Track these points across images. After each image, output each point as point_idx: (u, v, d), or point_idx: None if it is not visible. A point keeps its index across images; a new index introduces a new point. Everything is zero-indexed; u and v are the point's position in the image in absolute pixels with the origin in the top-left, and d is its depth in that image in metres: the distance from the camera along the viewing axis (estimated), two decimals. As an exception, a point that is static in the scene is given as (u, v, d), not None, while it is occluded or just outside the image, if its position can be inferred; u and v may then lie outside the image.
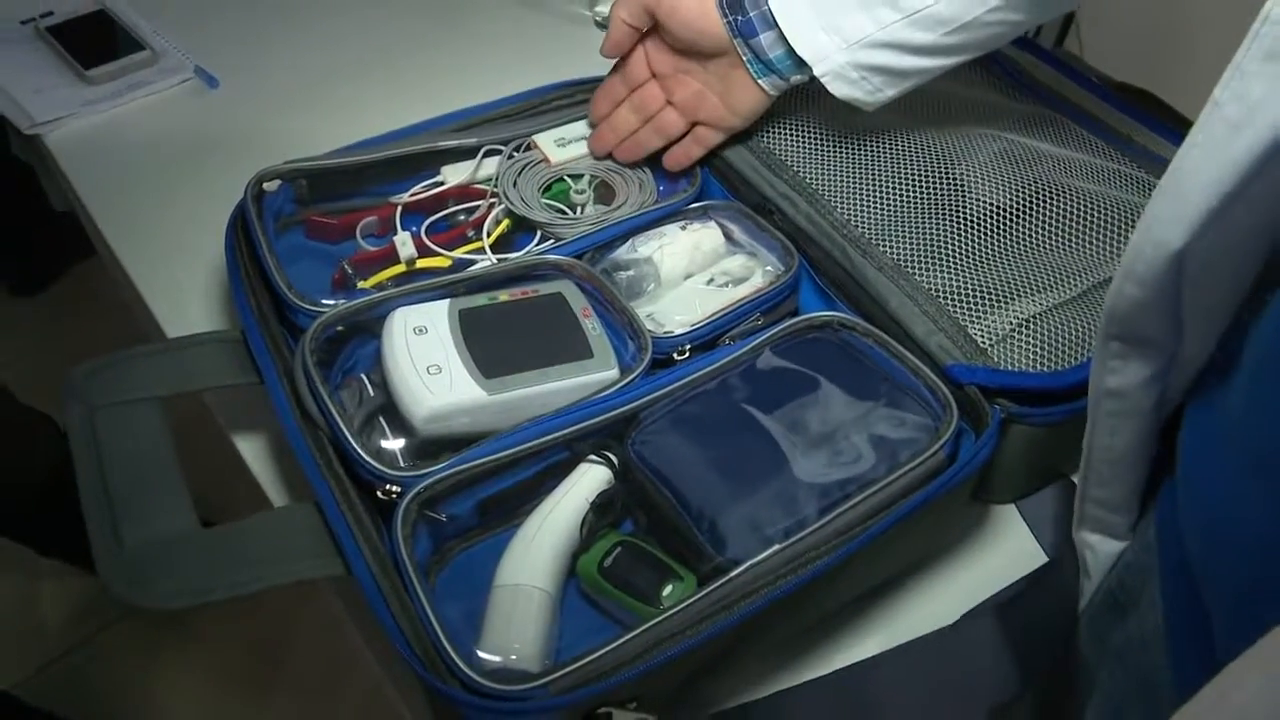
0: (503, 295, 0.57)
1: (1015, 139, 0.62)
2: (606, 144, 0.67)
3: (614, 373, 0.54)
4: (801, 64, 0.56)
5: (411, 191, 0.66)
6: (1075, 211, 0.58)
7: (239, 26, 0.94)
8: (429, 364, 0.52)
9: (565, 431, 0.50)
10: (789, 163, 0.63)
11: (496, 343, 0.54)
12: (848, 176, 0.61)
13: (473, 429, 0.51)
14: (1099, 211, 0.58)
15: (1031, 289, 0.54)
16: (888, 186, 0.59)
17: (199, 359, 0.54)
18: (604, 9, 0.96)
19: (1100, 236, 0.57)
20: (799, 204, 0.60)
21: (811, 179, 0.61)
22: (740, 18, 0.57)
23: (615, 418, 0.52)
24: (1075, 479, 0.44)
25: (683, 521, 0.48)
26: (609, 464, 0.52)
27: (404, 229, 0.64)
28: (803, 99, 0.66)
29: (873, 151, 0.62)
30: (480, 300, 0.57)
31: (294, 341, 0.56)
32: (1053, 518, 0.55)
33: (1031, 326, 0.52)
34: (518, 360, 0.53)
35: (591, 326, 0.56)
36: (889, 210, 0.59)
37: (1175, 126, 0.68)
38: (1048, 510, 0.56)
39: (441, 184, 0.67)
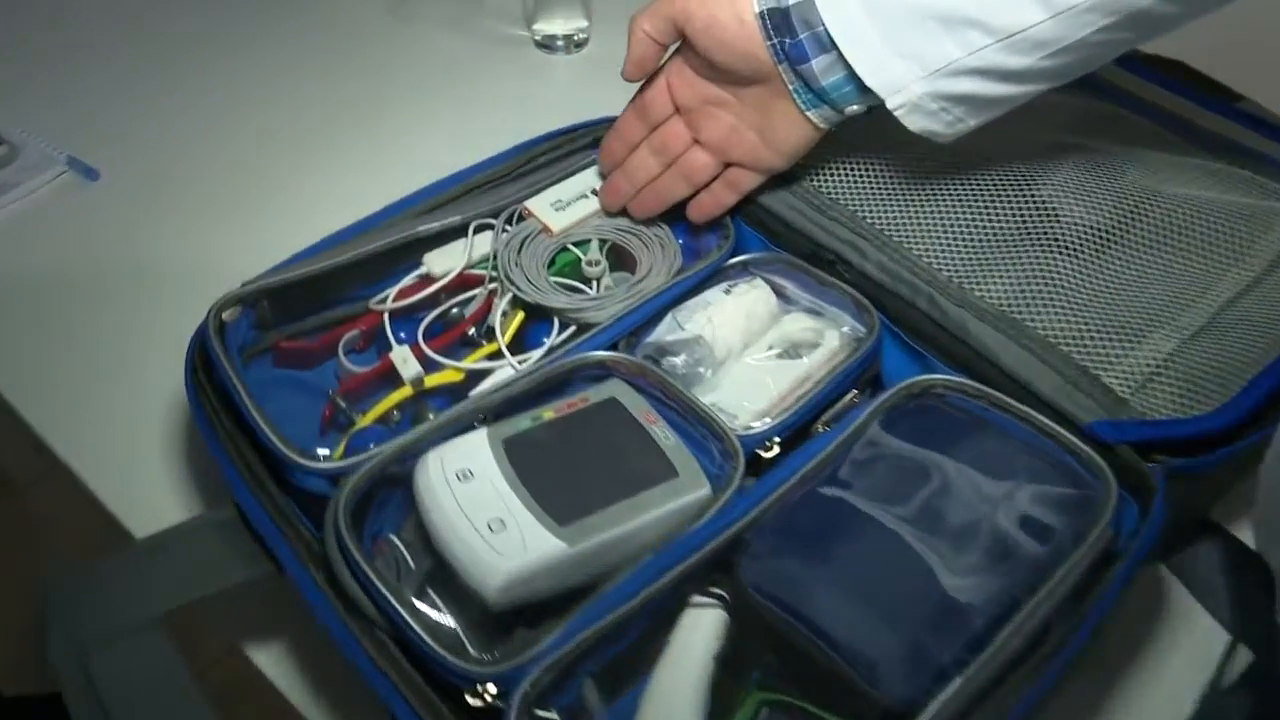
0: (547, 412, 0.54)
1: (1087, 143, 0.61)
2: (622, 195, 0.63)
3: (706, 490, 0.51)
4: (864, 93, 0.54)
5: (396, 291, 0.62)
6: (1177, 222, 0.57)
7: (114, 104, 0.88)
8: (488, 518, 0.48)
9: (670, 575, 0.47)
10: (841, 200, 0.61)
11: (560, 475, 0.50)
12: (916, 210, 0.59)
13: (554, 590, 0.48)
14: (1201, 218, 0.57)
15: (1159, 320, 0.53)
16: (965, 217, 0.58)
17: (194, 555, 0.49)
18: (543, 27, 0.93)
19: (1211, 246, 0.56)
20: (865, 249, 0.58)
21: (872, 217, 0.59)
22: (788, 40, 0.54)
23: (720, 545, 0.49)
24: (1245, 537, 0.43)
25: (832, 663, 0.45)
26: (723, 603, 0.49)
27: (397, 340, 0.60)
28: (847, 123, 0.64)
29: (939, 177, 0.60)
30: (523, 423, 0.53)
31: (300, 510, 0.51)
32: (1219, 580, 0.54)
33: (1173, 365, 0.51)
34: (592, 495, 0.49)
35: (663, 435, 0.53)
36: (972, 245, 0.57)
37: (1227, 100, 0.68)
38: (1203, 567, 0.55)
39: (428, 276, 0.63)
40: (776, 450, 0.54)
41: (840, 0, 0.52)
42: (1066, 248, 0.56)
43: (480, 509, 0.48)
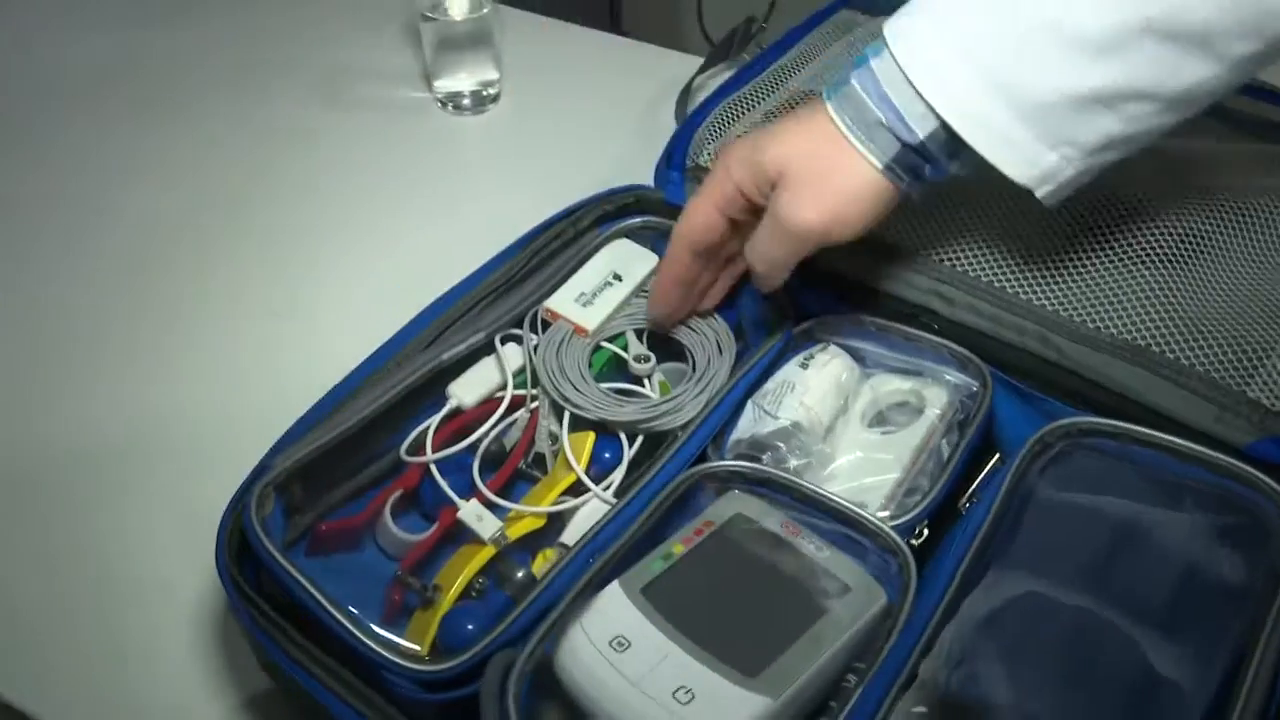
0: (676, 546, 0.52)
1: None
2: (676, 308, 0.61)
3: (884, 599, 0.50)
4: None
5: (432, 436, 0.58)
6: (1262, 214, 0.60)
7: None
8: (670, 690, 0.45)
9: (886, 706, 0.46)
10: (906, 244, 0.61)
11: (724, 618, 0.49)
12: (996, 243, 0.60)
13: (762, 750, 0.46)
14: (1276, 206, 0.61)
15: (1278, 323, 0.56)
16: (1053, 242, 0.59)
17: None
18: (445, 84, 0.90)
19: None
20: (953, 296, 0.59)
21: (950, 259, 0.60)
22: (926, 170, 0.52)
23: (916, 658, 0.48)
24: None
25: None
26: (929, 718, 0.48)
27: (455, 492, 0.56)
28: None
29: (1011, 204, 0.61)
30: (655, 565, 0.51)
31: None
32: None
33: (1311, 367, 0.54)
34: (770, 634, 0.48)
35: (814, 547, 0.52)
36: (1068, 271, 0.58)
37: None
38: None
39: (458, 410, 0.59)
40: (926, 534, 0.54)
41: (983, 114, 0.49)
42: (1164, 258, 0.58)
43: (656, 681, 0.46)
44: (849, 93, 0.52)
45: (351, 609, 0.50)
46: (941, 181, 0.54)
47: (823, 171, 0.53)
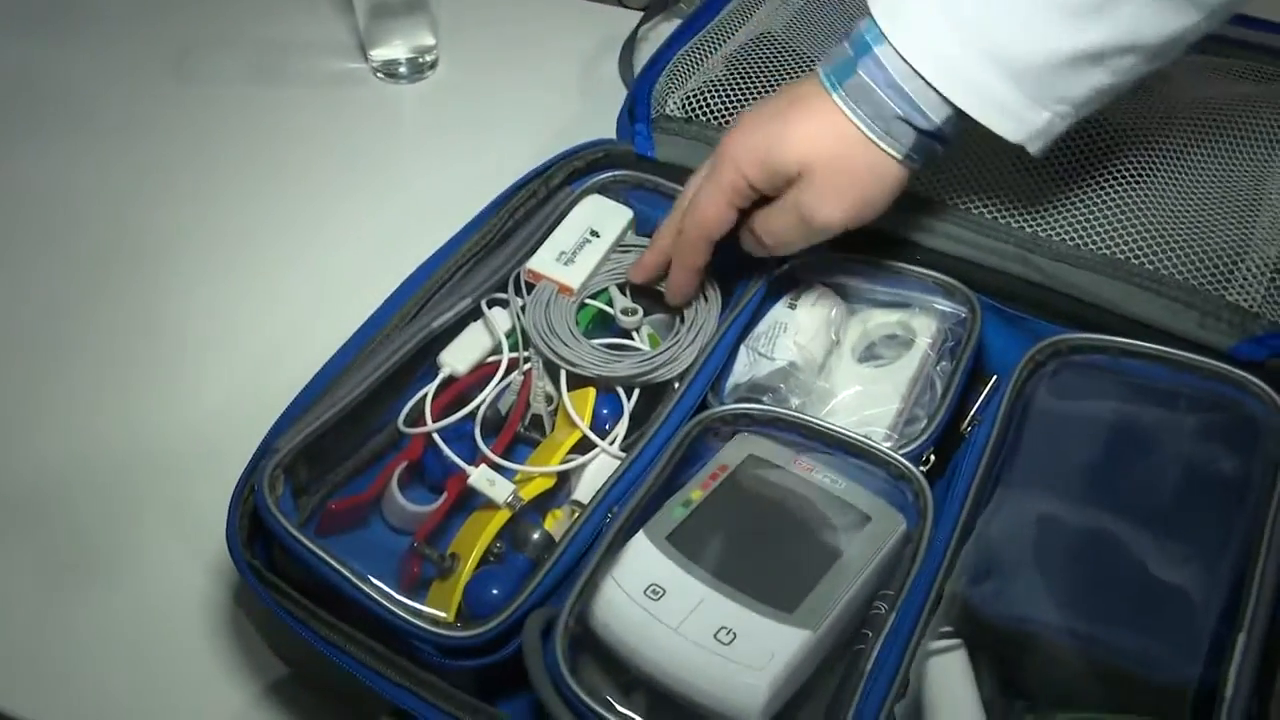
0: (694, 492, 0.52)
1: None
2: (694, 292, 0.61)
3: (904, 524, 0.51)
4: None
5: (430, 405, 0.57)
6: (1222, 124, 0.63)
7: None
8: (713, 631, 0.46)
9: (918, 631, 0.47)
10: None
11: (753, 559, 0.50)
12: (971, 169, 0.61)
13: (802, 685, 0.47)
14: (1240, 113, 0.63)
15: (1249, 225, 0.58)
16: (1023, 163, 0.60)
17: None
18: (381, 53, 0.88)
19: (1256, 140, 0.62)
20: (931, 224, 0.60)
21: (925, 189, 0.61)
22: (936, 148, 0.54)
23: (942, 579, 0.49)
24: None
25: (1108, 668, 0.47)
26: (959, 640, 0.50)
27: (463, 459, 0.55)
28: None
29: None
30: (677, 513, 0.51)
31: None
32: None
33: (1285, 265, 0.56)
34: (800, 570, 0.49)
35: (831, 480, 0.52)
36: (1044, 192, 0.60)
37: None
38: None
39: (452, 378, 0.59)
40: (933, 460, 0.55)
41: (984, 86, 0.51)
42: (1136, 174, 0.60)
43: (696, 625, 0.46)
44: (859, 85, 0.52)
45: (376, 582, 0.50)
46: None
47: (846, 170, 0.53)
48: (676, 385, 0.57)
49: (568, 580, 0.49)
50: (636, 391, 0.59)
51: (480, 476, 0.54)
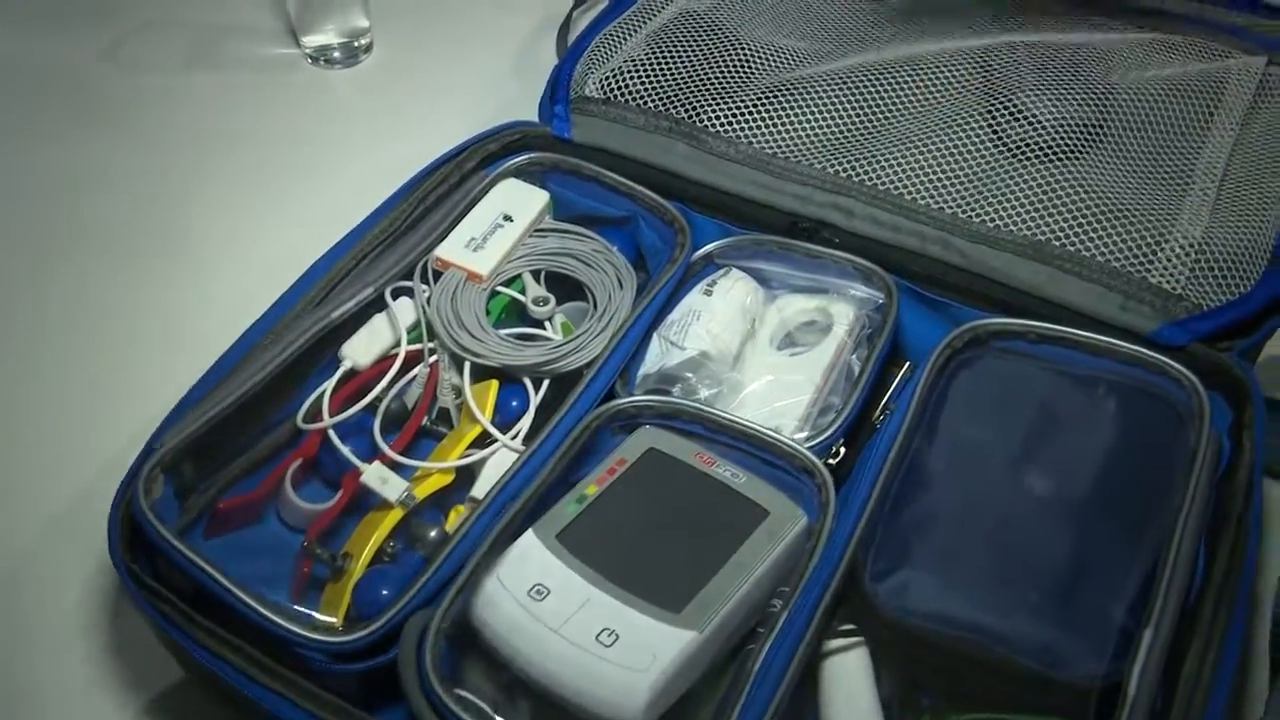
0: (589, 488, 0.51)
1: (1030, 39, 0.64)
2: None
3: (805, 519, 0.50)
4: None
5: (329, 400, 0.56)
6: (1147, 102, 0.61)
7: None
8: (595, 632, 0.45)
9: (813, 627, 0.46)
10: (805, 160, 0.61)
11: (644, 556, 0.49)
12: (890, 151, 0.60)
13: (689, 686, 0.46)
14: (1167, 93, 0.62)
15: (1173, 206, 0.57)
16: (948, 145, 0.59)
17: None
18: (313, 39, 0.87)
19: (1185, 119, 0.61)
20: (851, 207, 0.59)
21: (846, 170, 0.60)
22: None
23: (843, 575, 0.48)
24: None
25: (1007, 663, 0.46)
26: (859, 636, 0.49)
27: (357, 456, 0.55)
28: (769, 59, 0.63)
29: (903, 112, 0.62)
30: (569, 509, 0.50)
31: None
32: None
33: (1209, 247, 0.55)
34: (691, 567, 0.48)
35: (731, 474, 0.51)
36: (964, 174, 0.59)
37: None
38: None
39: (353, 371, 0.58)
40: (843, 452, 0.54)
41: None
42: (1057, 152, 0.59)
43: (578, 626, 0.46)
44: None
45: (257, 587, 0.49)
46: None
47: None
48: (585, 375, 0.56)
49: (470, 582, 0.48)
50: (546, 383, 0.58)
51: (373, 474, 0.53)
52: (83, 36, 0.91)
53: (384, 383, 0.57)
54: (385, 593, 0.50)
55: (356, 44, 0.88)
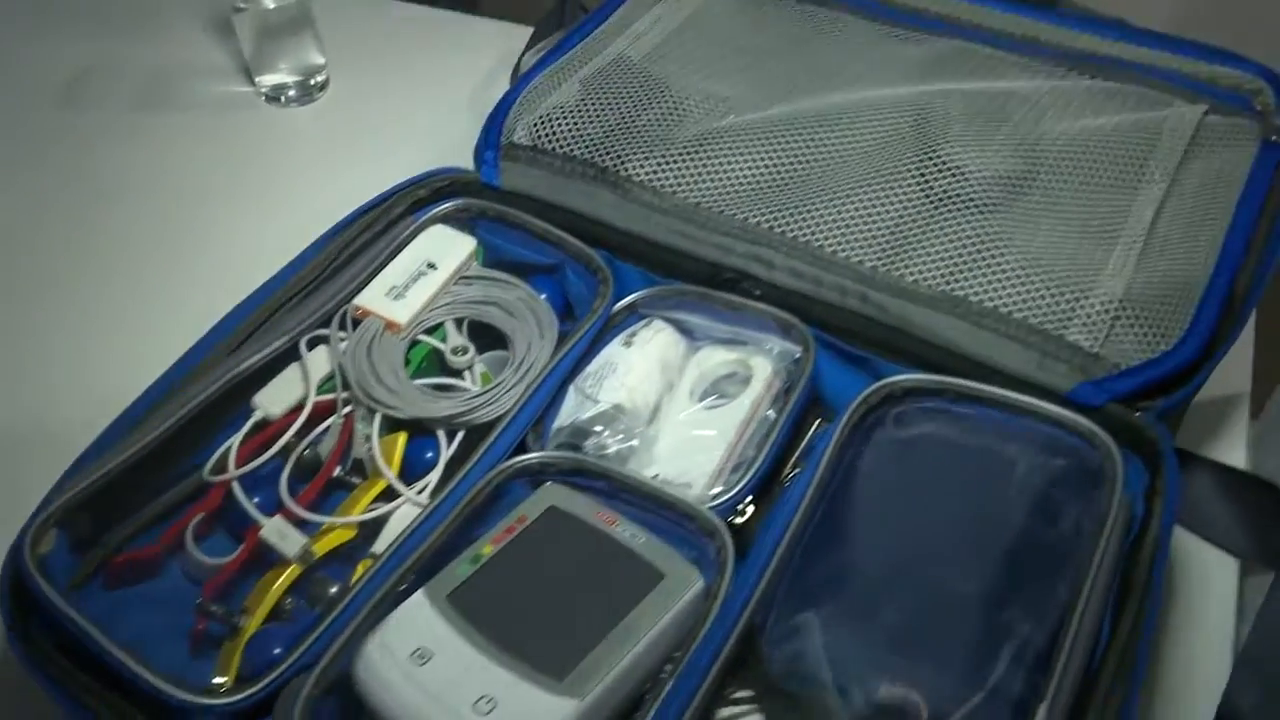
0: (485, 547, 0.50)
1: (957, 87, 0.64)
2: None
3: (701, 582, 0.49)
4: None
5: (236, 451, 0.56)
6: (1076, 153, 0.60)
7: None
8: (472, 700, 0.44)
9: (701, 695, 0.45)
10: (727, 211, 0.60)
11: (532, 620, 0.48)
12: (813, 203, 0.59)
13: (573, 756, 0.45)
14: (1097, 143, 0.61)
15: (1097, 261, 0.56)
16: (870, 197, 0.59)
17: None
18: (268, 78, 0.87)
19: (1116, 171, 0.60)
20: (771, 258, 0.58)
21: (768, 221, 0.59)
22: None
23: (738, 640, 0.47)
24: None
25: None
26: (755, 704, 0.48)
27: (261, 510, 0.54)
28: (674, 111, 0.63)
29: (826, 161, 0.61)
30: (463, 569, 0.50)
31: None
32: (1218, 509, 0.58)
33: (1129, 304, 0.54)
34: (579, 633, 0.47)
35: (630, 534, 0.51)
36: (887, 227, 0.58)
37: (1048, 6, 0.72)
38: (1196, 499, 0.58)
39: (265, 422, 0.58)
40: (750, 510, 0.53)
41: None
42: (983, 205, 0.58)
43: (457, 692, 0.45)
44: None
45: (157, 641, 0.48)
46: None
47: None
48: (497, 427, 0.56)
49: (351, 641, 0.48)
50: (460, 435, 0.57)
51: (273, 529, 0.53)
52: (39, 75, 0.91)
53: (289, 434, 0.56)
54: (277, 651, 0.49)
55: (312, 82, 0.89)
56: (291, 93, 0.88)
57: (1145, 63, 0.66)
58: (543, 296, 0.63)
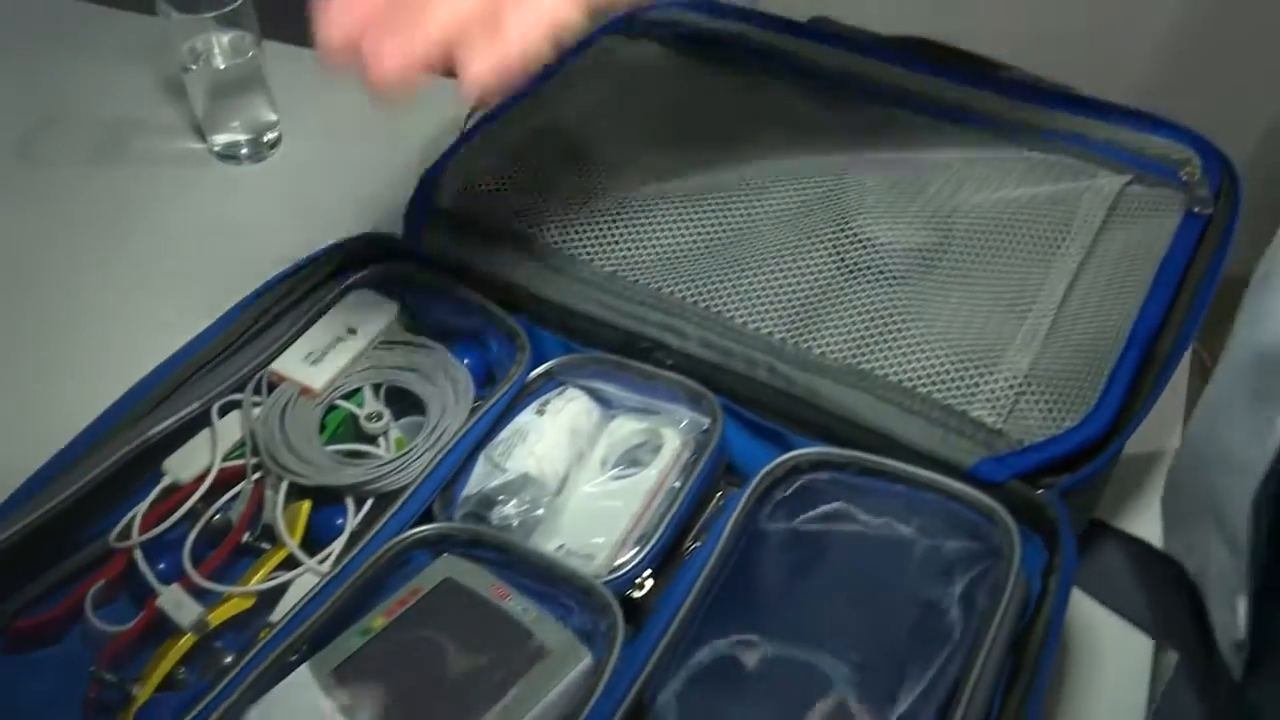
0: (377, 620, 0.50)
1: (877, 156, 0.64)
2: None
3: (588, 658, 0.49)
4: None
5: (141, 518, 0.56)
6: (991, 225, 0.61)
7: None
8: (345, 779, 0.44)
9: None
10: (642, 280, 0.60)
11: (417, 701, 0.48)
12: (725, 274, 0.60)
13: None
14: (1013, 216, 0.61)
15: (1005, 335, 0.56)
16: (782, 269, 0.59)
17: None
18: (222, 138, 0.88)
19: (1030, 244, 0.60)
20: (684, 329, 0.58)
21: (681, 291, 0.60)
22: None
23: (625, 716, 0.47)
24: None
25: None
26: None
27: (159, 578, 0.54)
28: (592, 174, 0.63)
29: (741, 233, 0.61)
30: (352, 642, 0.49)
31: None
32: (1127, 582, 0.57)
33: (1034, 380, 0.54)
34: (464, 710, 0.47)
35: (521, 609, 0.50)
36: (797, 299, 0.58)
37: (991, 72, 0.73)
38: (1105, 572, 0.58)
39: (174, 487, 0.58)
40: (650, 583, 0.53)
41: None
42: (894, 278, 0.58)
43: (332, 771, 0.44)
44: None
45: (51, 708, 0.48)
46: None
47: None
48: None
49: (230, 713, 0.47)
50: (369, 503, 0.57)
51: (170, 597, 0.53)
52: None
53: (193, 499, 0.56)
54: (166, 722, 0.49)
55: (264, 139, 0.90)
56: (244, 151, 0.89)
57: (1077, 131, 0.66)
58: (465, 362, 0.63)
